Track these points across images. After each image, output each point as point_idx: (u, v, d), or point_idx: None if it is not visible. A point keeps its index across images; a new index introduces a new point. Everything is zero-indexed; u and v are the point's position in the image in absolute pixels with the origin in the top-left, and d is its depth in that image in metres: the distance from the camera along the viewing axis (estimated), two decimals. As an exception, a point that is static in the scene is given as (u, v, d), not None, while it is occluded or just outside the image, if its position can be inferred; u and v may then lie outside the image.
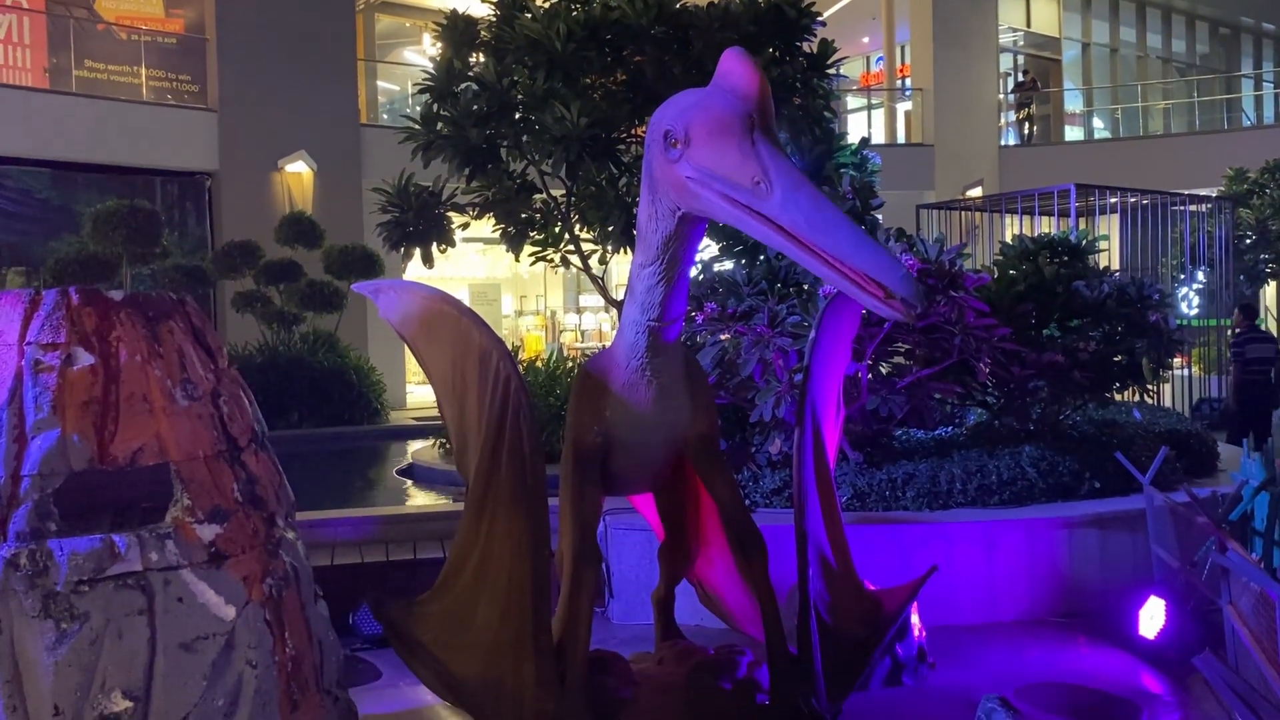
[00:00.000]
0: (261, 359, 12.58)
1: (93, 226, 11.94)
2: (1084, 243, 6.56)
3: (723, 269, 6.37)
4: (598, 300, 22.53)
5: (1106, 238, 9.71)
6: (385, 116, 18.19)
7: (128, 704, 2.47)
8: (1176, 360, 12.20)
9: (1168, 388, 12.89)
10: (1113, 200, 13.66)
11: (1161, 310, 6.02)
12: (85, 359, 2.63)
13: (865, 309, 3.09)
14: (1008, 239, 11.06)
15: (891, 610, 3.98)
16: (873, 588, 4.47)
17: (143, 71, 15.93)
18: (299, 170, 15.55)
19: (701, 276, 6.19)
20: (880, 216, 6.28)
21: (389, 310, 3.61)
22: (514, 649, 3.28)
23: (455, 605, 3.47)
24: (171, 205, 15.40)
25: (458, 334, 3.46)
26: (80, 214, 12.48)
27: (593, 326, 22.02)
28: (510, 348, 4.96)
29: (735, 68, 2.68)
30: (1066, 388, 5.90)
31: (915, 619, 4.42)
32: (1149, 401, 7.42)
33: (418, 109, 7.41)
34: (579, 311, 23.06)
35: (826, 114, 7.42)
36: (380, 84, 19.47)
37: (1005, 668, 4.56)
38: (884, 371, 5.63)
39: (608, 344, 3.60)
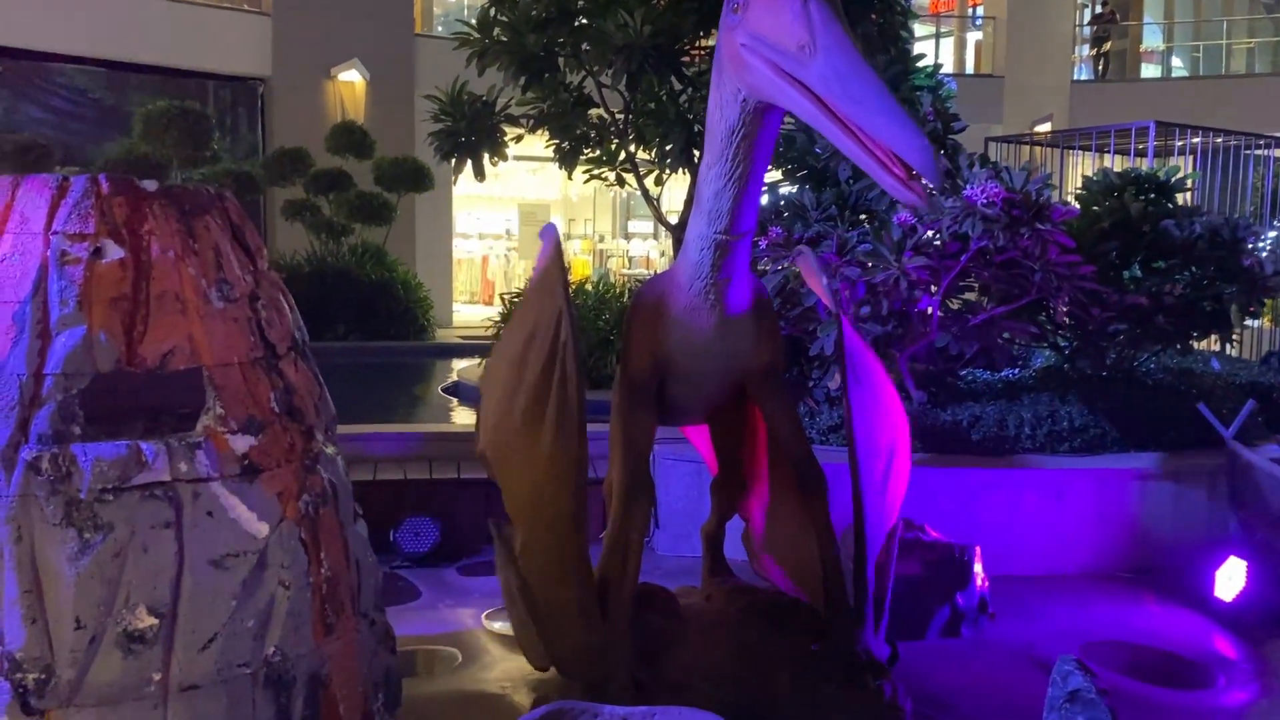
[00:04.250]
0: (309, 269, 12.47)
1: (143, 127, 11.79)
2: (1173, 180, 6.16)
3: (789, 192, 6.06)
4: (647, 226, 22.21)
5: (1197, 175, 9.21)
6: (440, 28, 17.78)
7: (152, 621, 2.32)
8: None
9: (1238, 338, 12.39)
10: (1193, 141, 13.01)
11: (1257, 254, 5.63)
12: (115, 252, 2.44)
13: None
14: (1078, 177, 10.58)
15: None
16: (934, 533, 4.28)
17: (198, -28, 15.66)
18: (351, 79, 15.28)
19: (767, 200, 5.90)
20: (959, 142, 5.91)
21: (544, 248, 3.35)
22: (559, 576, 3.13)
23: (521, 530, 3.33)
24: (224, 110, 15.21)
25: (550, 266, 3.23)
26: (133, 115, 12.32)
27: (641, 253, 21.70)
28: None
29: None
30: (1148, 333, 5.56)
31: (978, 568, 4.22)
32: (1230, 351, 7.04)
33: (473, 18, 7.10)
34: (627, 237, 22.75)
35: (903, 33, 7.01)
36: (436, -7, 19.05)
37: (1069, 623, 4.35)
38: (955, 307, 5.33)
39: (655, 270, 3.38)
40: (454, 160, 7.25)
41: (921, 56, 6.95)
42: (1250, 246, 5.70)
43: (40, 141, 11.87)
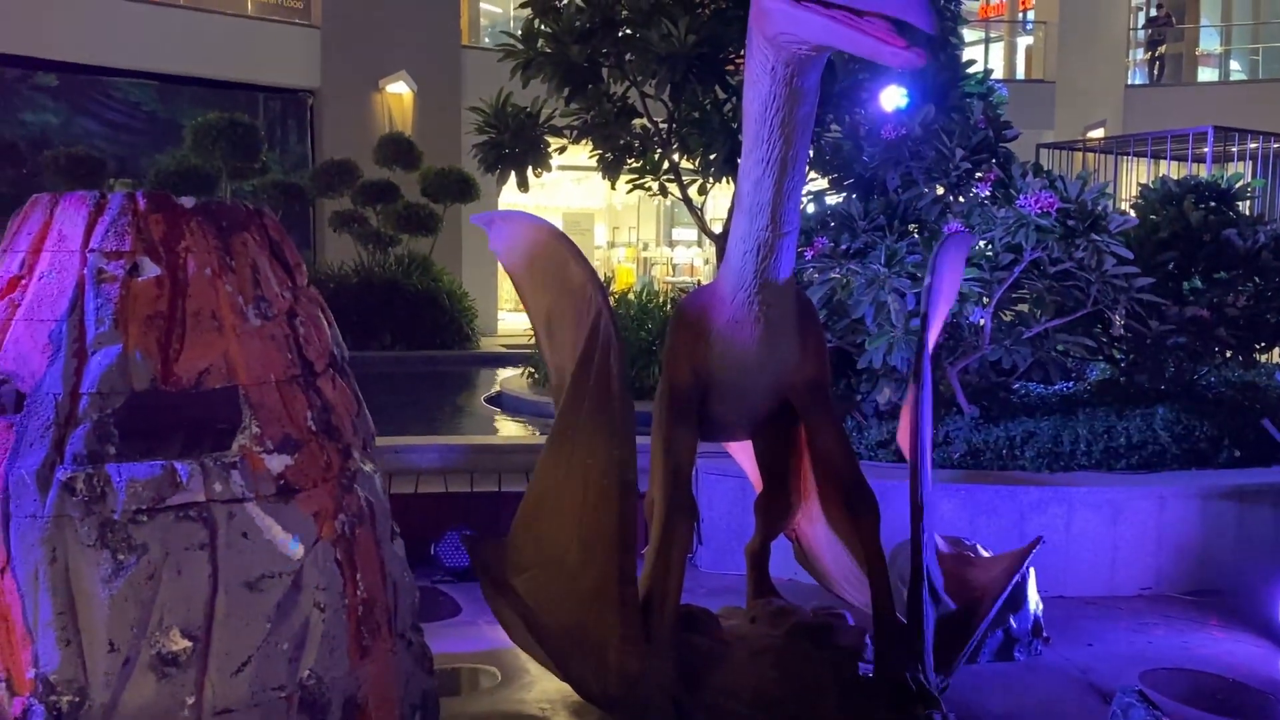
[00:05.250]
0: (356, 279, 12.58)
1: (193, 139, 11.98)
2: (1235, 188, 5.97)
3: (835, 203, 5.96)
4: (691, 234, 22.15)
5: (1262, 183, 8.95)
6: (487, 40, 17.90)
7: (186, 644, 2.29)
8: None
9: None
10: (1252, 146, 12.68)
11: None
12: (151, 269, 2.42)
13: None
14: (1133, 184, 10.34)
15: (995, 580, 3.66)
16: (985, 553, 4.15)
17: (249, -13, 15.90)
18: (399, 91, 15.42)
19: (813, 209, 5.80)
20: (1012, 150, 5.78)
21: (497, 241, 3.42)
22: (596, 599, 3.07)
23: (539, 547, 3.27)
24: (274, 122, 15.43)
25: (556, 264, 3.23)
26: (184, 127, 12.52)
27: (684, 260, 21.64)
28: (603, 279, 4.73)
29: None
30: (1209, 345, 5.38)
31: (1032, 590, 4.09)
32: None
33: (519, 29, 7.10)
34: (671, 245, 22.70)
35: (953, 39, 6.88)
36: (483, 5, 19.17)
37: (1127, 648, 4.19)
38: (1007, 319, 5.19)
39: (699, 279, 3.34)
40: (498, 172, 7.24)
41: (972, 63, 6.82)
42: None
43: (94, 155, 12.09)
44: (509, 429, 7.85)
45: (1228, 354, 5.52)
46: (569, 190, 20.83)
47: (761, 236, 2.79)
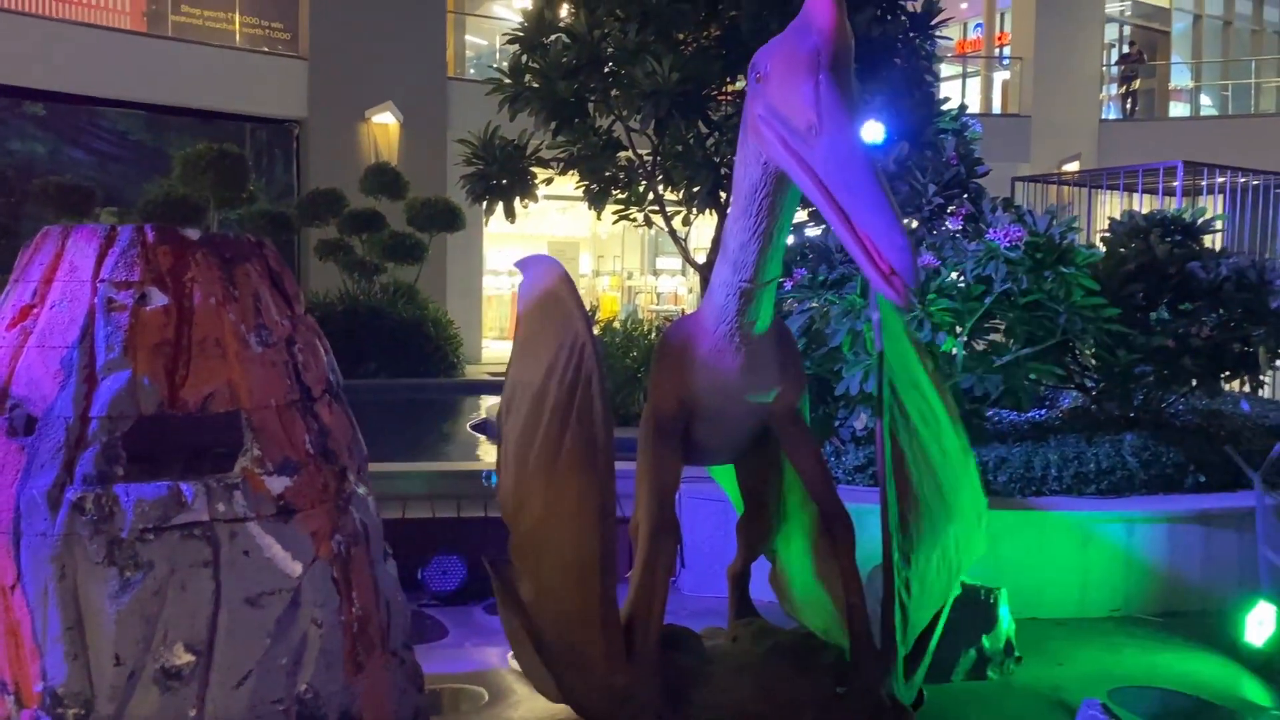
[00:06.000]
0: (342, 307, 12.64)
1: (182, 169, 12.05)
2: (1199, 222, 6.16)
3: (814, 234, 6.13)
4: (675, 263, 22.34)
5: (1225, 217, 9.18)
6: (473, 71, 18.09)
7: (190, 658, 2.39)
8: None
9: (1269, 379, 12.27)
10: (1220, 180, 12.98)
11: (1285, 296, 5.63)
12: (159, 299, 2.54)
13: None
14: (1105, 217, 10.57)
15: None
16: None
17: (236, 18, 16.01)
18: (385, 121, 15.56)
19: (791, 239, 5.96)
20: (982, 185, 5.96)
21: (525, 281, 3.49)
22: (582, 619, 3.17)
23: (534, 571, 3.36)
24: (260, 151, 15.53)
25: (556, 298, 3.32)
26: (171, 157, 12.61)
27: (669, 289, 21.81)
28: (589, 308, 4.84)
29: (813, 1, 2.50)
30: (1175, 375, 5.56)
31: (1005, 611, 4.21)
32: (1260, 393, 7.00)
33: (505, 63, 7.27)
34: (655, 274, 22.88)
35: (928, 77, 7.10)
36: (469, 38, 19.35)
37: (1097, 667, 4.32)
38: (979, 348, 5.35)
39: (684, 307, 3.46)
40: (485, 203, 7.38)
41: (947, 99, 7.02)
42: (1279, 288, 5.69)
43: (82, 184, 12.16)
44: (494, 456, 7.94)
45: (1193, 383, 5.69)
46: (554, 219, 20.98)
47: (745, 286, 2.93)
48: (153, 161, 14.41)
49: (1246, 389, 6.72)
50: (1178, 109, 22.81)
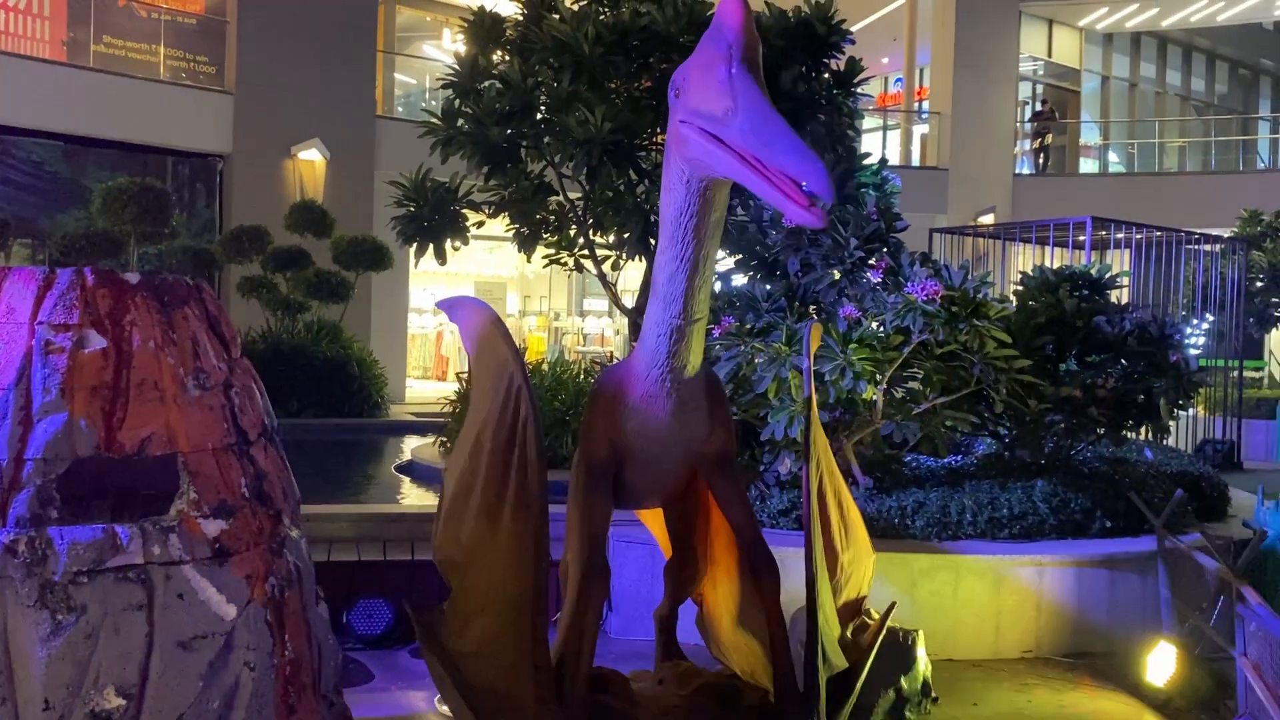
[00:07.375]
0: (265, 346, 12.47)
1: (102, 203, 11.83)
2: (1105, 277, 6.48)
3: (740, 284, 6.29)
4: (602, 304, 22.49)
5: (1129, 274, 9.60)
6: (401, 109, 18.12)
7: (120, 701, 2.38)
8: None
9: (1172, 426, 12.77)
10: (1125, 235, 13.56)
11: (1182, 350, 5.94)
12: (97, 342, 2.55)
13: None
14: (1018, 268, 10.97)
15: (867, 643, 3.90)
16: (874, 617, 4.39)
17: (161, 50, 15.83)
18: (311, 158, 15.47)
19: (719, 288, 6.11)
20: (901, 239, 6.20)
21: (460, 327, 3.56)
22: (514, 661, 3.20)
23: (469, 614, 3.39)
24: (182, 186, 15.29)
25: (491, 344, 3.40)
26: (90, 190, 12.37)
27: (595, 330, 21.93)
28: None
29: (723, 5, 2.74)
30: (1083, 424, 5.81)
31: (921, 653, 4.34)
32: (1162, 441, 7.33)
33: (435, 103, 7.36)
34: (583, 315, 22.99)
35: (850, 132, 7.35)
36: (398, 76, 19.38)
37: (1009, 706, 4.48)
38: (898, 396, 5.54)
39: (611, 349, 3.55)
40: (415, 244, 7.41)
41: (867, 155, 7.27)
42: (1177, 341, 6.00)
43: (-4, 215, 11.87)
44: (420, 498, 7.90)
45: (1100, 431, 5.95)
46: (482, 259, 20.99)
47: (675, 323, 3.04)
48: (70, 194, 14.10)
49: (1149, 437, 7.05)
50: (1087, 165, 23.81)
